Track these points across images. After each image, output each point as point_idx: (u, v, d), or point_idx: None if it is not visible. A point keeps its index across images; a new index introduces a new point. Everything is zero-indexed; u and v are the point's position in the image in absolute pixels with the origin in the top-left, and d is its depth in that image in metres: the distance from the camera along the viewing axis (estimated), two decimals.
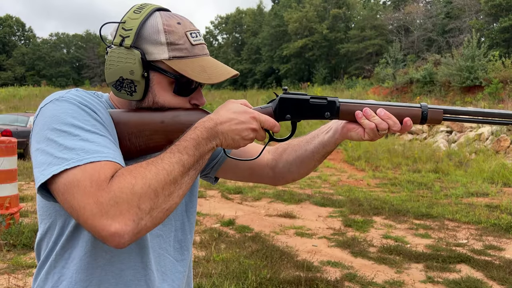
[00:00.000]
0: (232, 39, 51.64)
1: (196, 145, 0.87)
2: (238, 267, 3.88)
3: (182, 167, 0.84)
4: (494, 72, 18.04)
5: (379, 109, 1.01)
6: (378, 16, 36.62)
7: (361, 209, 6.53)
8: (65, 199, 0.78)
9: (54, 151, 0.81)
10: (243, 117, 0.93)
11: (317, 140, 1.13)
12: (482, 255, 4.58)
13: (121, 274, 0.95)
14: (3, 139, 4.73)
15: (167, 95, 0.98)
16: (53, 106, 0.87)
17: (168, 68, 0.95)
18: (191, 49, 0.97)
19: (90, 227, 0.76)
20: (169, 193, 0.82)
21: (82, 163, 0.78)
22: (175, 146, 0.86)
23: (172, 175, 0.82)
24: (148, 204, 0.78)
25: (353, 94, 22.73)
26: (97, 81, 48.15)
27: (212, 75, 0.97)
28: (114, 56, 0.95)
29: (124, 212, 0.76)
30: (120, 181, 0.77)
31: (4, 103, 26.17)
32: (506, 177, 8.95)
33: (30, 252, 4.21)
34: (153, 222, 0.80)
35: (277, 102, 1.03)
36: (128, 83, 0.95)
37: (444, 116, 1.03)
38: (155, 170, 0.81)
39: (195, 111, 1.01)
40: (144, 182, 0.78)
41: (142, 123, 0.96)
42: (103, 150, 0.82)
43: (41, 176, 0.80)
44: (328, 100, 1.03)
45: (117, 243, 0.77)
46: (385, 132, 1.01)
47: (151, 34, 0.95)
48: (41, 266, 0.97)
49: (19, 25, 56.44)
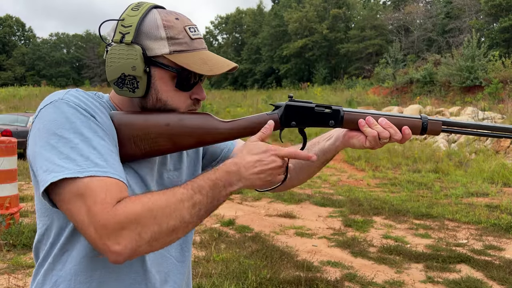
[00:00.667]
0: (232, 39, 51.66)
1: (213, 186, 0.88)
2: (238, 267, 3.88)
3: (191, 206, 0.85)
4: (494, 72, 18.07)
5: (380, 118, 1.05)
6: (378, 16, 36.65)
7: (361, 209, 6.53)
8: (68, 209, 0.80)
9: (53, 158, 0.81)
10: (265, 157, 0.93)
11: (318, 147, 1.15)
12: (482, 255, 4.57)
13: (121, 276, 0.95)
14: (3, 139, 4.73)
15: (169, 90, 0.98)
16: (53, 109, 0.86)
17: (169, 63, 0.95)
18: (191, 43, 0.97)
19: (91, 242, 0.80)
20: (174, 229, 0.83)
21: (83, 175, 0.79)
22: (191, 182, 0.87)
23: (179, 212, 0.83)
24: (150, 235, 0.81)
25: (353, 94, 22.74)
26: (97, 81, 48.17)
27: (213, 67, 0.97)
28: (115, 53, 0.94)
29: (126, 237, 0.79)
30: (127, 206, 0.79)
31: (4, 103, 26.16)
32: (506, 177, 8.94)
33: (30, 252, 4.21)
34: (151, 250, 0.84)
35: (283, 109, 1.05)
36: (130, 80, 0.95)
37: (443, 128, 1.08)
38: (164, 204, 0.82)
39: (201, 115, 1.01)
40: (151, 214, 0.80)
41: (147, 126, 0.96)
42: (104, 163, 0.82)
43: (41, 183, 0.81)
44: (332, 109, 1.06)
45: (114, 261, 0.81)
46: (386, 141, 1.04)
47: (151, 30, 0.95)
48: (39, 267, 0.97)
49: (19, 25, 56.46)
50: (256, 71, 42.63)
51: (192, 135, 0.96)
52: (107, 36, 0.99)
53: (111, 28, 0.99)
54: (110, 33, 0.99)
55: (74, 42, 57.86)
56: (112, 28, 0.98)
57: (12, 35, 55.20)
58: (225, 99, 26.90)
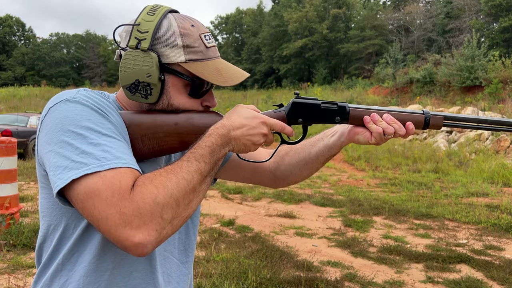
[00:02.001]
0: (232, 39, 51.64)
1: (212, 152, 0.89)
2: (238, 267, 3.88)
3: (200, 175, 0.85)
4: (494, 72, 18.05)
5: (385, 114, 1.06)
6: (378, 16, 36.63)
7: (361, 209, 6.53)
8: (85, 207, 0.78)
9: (70, 154, 0.79)
10: (254, 123, 0.96)
11: (322, 143, 1.16)
12: (482, 255, 4.57)
13: (130, 277, 0.95)
14: (3, 139, 4.73)
15: (182, 97, 0.98)
16: (65, 106, 0.85)
17: (184, 71, 0.96)
18: (206, 52, 0.98)
19: (113, 237, 0.76)
20: (189, 202, 0.83)
21: (104, 168, 0.78)
22: (192, 154, 0.87)
23: (192, 184, 0.83)
24: (170, 213, 0.79)
25: (353, 94, 22.72)
26: (97, 81, 48.12)
27: (228, 77, 0.98)
28: (130, 59, 0.94)
29: (148, 222, 0.76)
30: (142, 191, 0.77)
31: (4, 103, 26.13)
32: (506, 177, 8.95)
33: (30, 252, 4.21)
34: (173, 230, 0.82)
35: (290, 106, 1.07)
36: (144, 86, 0.95)
37: (444, 122, 1.10)
38: (175, 179, 0.81)
39: (209, 113, 1.01)
40: (166, 192, 0.79)
41: (155, 125, 0.96)
42: (122, 156, 0.81)
43: (58, 181, 0.79)
44: (338, 105, 1.08)
45: (140, 253, 0.77)
46: (391, 137, 1.06)
47: (167, 37, 0.94)
48: (44, 268, 0.95)
49: (19, 25, 56.40)
50: (256, 71, 42.61)
51: (200, 133, 0.96)
52: (119, 38, 0.99)
53: (122, 30, 0.98)
54: (122, 34, 0.98)
55: (74, 42, 57.79)
56: (127, 31, 0.97)
57: (12, 35, 55.15)
58: (225, 99, 26.91)
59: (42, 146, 0.85)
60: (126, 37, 0.96)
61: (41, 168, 0.90)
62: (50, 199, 0.92)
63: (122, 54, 0.96)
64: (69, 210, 0.90)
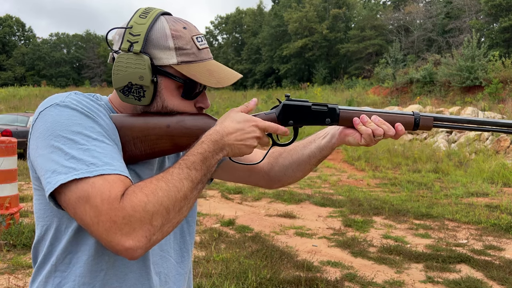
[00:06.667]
0: (232, 39, 51.64)
1: (204, 159, 0.89)
2: (238, 267, 3.88)
3: (191, 183, 0.86)
4: (494, 72, 18.07)
5: (373, 116, 1.07)
6: (378, 16, 36.64)
7: (361, 209, 6.53)
8: (76, 212, 0.80)
9: (60, 159, 0.81)
10: (247, 126, 0.96)
11: (314, 145, 1.16)
12: (482, 255, 4.57)
13: (125, 278, 0.95)
14: (3, 139, 4.73)
15: (175, 99, 0.99)
16: (55, 111, 0.86)
17: (176, 73, 0.96)
18: (198, 54, 0.98)
19: (104, 242, 0.79)
20: (179, 209, 0.84)
21: (93, 175, 0.79)
22: (183, 161, 0.88)
23: (182, 192, 0.84)
24: (160, 220, 0.81)
25: (353, 94, 22.72)
26: (97, 81, 48.16)
27: (220, 79, 0.99)
28: (123, 61, 0.94)
29: (138, 229, 0.79)
30: (132, 199, 0.79)
31: (4, 103, 26.15)
32: (506, 177, 8.95)
33: (30, 252, 4.21)
34: (163, 235, 0.84)
35: (281, 108, 1.08)
36: (137, 89, 0.95)
37: (434, 123, 1.10)
38: (166, 187, 0.82)
39: (201, 116, 1.02)
40: (156, 200, 0.80)
41: (147, 128, 0.96)
42: (111, 161, 0.82)
43: (48, 185, 0.80)
44: (328, 107, 1.08)
45: (131, 257, 0.80)
46: (381, 138, 1.06)
47: (159, 39, 0.95)
48: (39, 268, 0.96)
49: (19, 25, 56.42)
50: (256, 71, 42.61)
51: (192, 135, 0.96)
52: (112, 40, 0.99)
53: (115, 33, 0.98)
54: (115, 37, 0.98)
55: (74, 42, 57.81)
56: (119, 34, 0.97)
57: (12, 35, 55.16)
58: (225, 99, 26.91)
59: (33, 150, 0.86)
60: (119, 40, 0.97)
61: (33, 171, 0.91)
62: (42, 200, 0.93)
63: (115, 57, 0.96)
64: (60, 212, 0.90)
